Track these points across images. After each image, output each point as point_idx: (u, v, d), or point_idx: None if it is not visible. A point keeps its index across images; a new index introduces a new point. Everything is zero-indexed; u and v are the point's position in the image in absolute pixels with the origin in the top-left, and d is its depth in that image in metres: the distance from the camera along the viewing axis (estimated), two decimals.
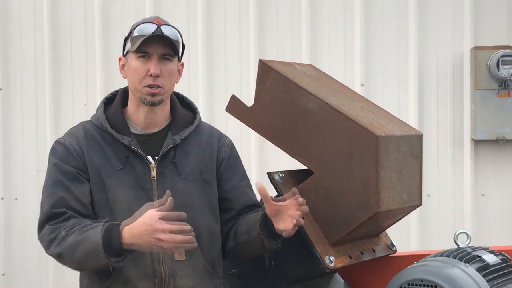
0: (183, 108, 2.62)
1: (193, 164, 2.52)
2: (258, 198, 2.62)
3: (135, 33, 2.45)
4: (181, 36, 2.52)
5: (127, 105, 2.56)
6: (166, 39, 2.43)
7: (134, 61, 2.46)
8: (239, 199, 2.62)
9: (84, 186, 2.44)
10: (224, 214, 2.61)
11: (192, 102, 2.68)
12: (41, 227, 2.43)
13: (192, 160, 2.53)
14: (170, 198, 2.23)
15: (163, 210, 2.21)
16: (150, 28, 2.44)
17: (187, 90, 4.44)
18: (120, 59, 2.55)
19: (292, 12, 4.75)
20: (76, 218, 2.38)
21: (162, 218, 2.20)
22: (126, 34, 2.52)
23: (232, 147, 2.66)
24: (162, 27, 2.44)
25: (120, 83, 2.60)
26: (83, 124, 2.56)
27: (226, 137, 2.68)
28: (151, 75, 2.43)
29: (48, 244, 2.39)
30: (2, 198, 4.94)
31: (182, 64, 2.58)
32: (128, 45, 2.49)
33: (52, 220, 2.40)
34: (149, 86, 2.44)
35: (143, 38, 2.41)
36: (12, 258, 4.97)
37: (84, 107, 4.84)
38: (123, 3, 4.82)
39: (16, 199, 4.93)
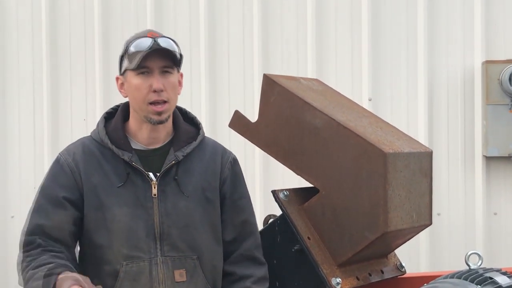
0: (186, 123, 2.57)
1: (195, 181, 2.47)
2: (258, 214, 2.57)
3: (131, 50, 2.39)
4: (177, 46, 2.46)
5: (128, 119, 2.51)
6: (166, 52, 2.38)
7: (134, 79, 2.40)
8: (234, 218, 2.55)
9: (66, 213, 2.39)
10: (222, 234, 2.55)
11: (195, 117, 2.63)
12: (20, 249, 2.41)
13: (194, 178, 2.47)
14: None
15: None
16: (146, 43, 2.38)
17: (189, 105, 4.40)
18: (117, 78, 2.48)
19: (297, 25, 4.72)
20: (43, 247, 2.35)
21: None
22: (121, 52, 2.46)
23: (235, 163, 2.60)
24: (158, 40, 2.38)
25: (120, 98, 2.54)
26: (82, 140, 2.51)
27: (230, 153, 2.61)
28: (154, 91, 2.37)
29: (18, 271, 2.40)
30: None
31: (182, 75, 2.52)
32: (126, 63, 2.42)
33: (24, 247, 2.38)
34: (154, 103, 2.38)
35: (142, 53, 2.35)
36: (8, 276, 4.93)
37: (83, 123, 4.80)
38: (122, 17, 4.81)
39: (12, 217, 4.89)
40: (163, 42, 2.38)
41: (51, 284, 2.18)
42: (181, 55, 2.48)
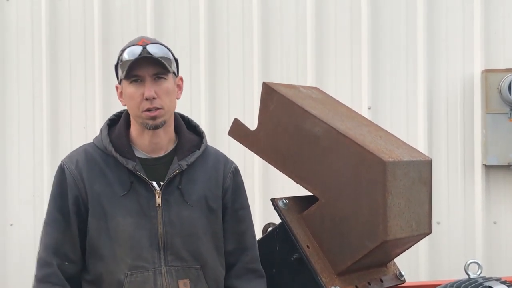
0: (189, 131, 2.56)
1: (199, 190, 2.46)
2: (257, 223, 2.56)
3: (123, 59, 2.40)
4: (170, 51, 2.46)
5: (130, 126, 2.50)
6: (154, 59, 2.37)
7: (128, 88, 2.40)
8: (235, 227, 2.54)
9: (77, 226, 2.40)
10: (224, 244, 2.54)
11: (198, 126, 2.62)
12: (37, 265, 2.41)
13: (198, 187, 2.46)
14: None
15: None
16: (136, 51, 2.38)
17: (189, 113, 4.35)
18: (117, 87, 2.49)
19: (297, 34, 4.71)
20: (53, 285, 2.36)
21: None
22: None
23: (237, 173, 2.59)
24: (148, 47, 2.38)
25: (120, 105, 2.53)
26: (84, 147, 2.49)
27: (232, 162, 2.60)
28: (147, 99, 2.36)
29: None
30: None
31: (181, 78, 2.51)
32: (120, 72, 2.43)
33: (42, 269, 2.39)
34: (148, 110, 2.37)
35: (130, 62, 2.35)
36: (7, 284, 4.91)
37: (82, 130, 4.80)
38: (122, 24, 4.81)
39: (11, 225, 4.87)
40: (152, 49, 2.38)
41: None
42: (176, 60, 2.48)
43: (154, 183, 2.41)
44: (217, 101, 4.73)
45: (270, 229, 2.82)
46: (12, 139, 4.91)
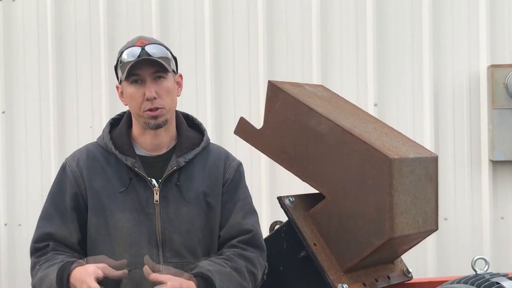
0: (190, 129, 2.57)
1: (197, 187, 2.46)
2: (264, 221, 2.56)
3: (123, 60, 2.43)
4: (168, 49, 2.47)
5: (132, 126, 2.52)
6: (154, 60, 2.39)
7: (128, 88, 2.43)
8: (229, 219, 2.48)
9: (74, 222, 2.43)
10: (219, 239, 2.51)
11: (201, 124, 2.62)
12: (31, 257, 2.45)
13: (196, 183, 2.46)
14: (124, 271, 2.25)
15: (106, 272, 2.23)
16: (135, 52, 2.40)
17: (195, 112, 4.38)
18: (117, 87, 2.52)
19: (302, 31, 4.71)
20: (55, 250, 2.40)
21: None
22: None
23: (237, 169, 2.55)
24: (147, 47, 2.40)
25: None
26: (87, 146, 2.53)
27: (233, 159, 2.58)
28: (148, 99, 2.38)
29: (31, 276, 2.41)
30: (6, 224, 4.92)
31: (181, 76, 2.53)
32: (119, 73, 2.46)
33: (36, 253, 2.42)
34: (149, 110, 2.39)
35: (130, 64, 2.38)
36: (16, 284, 4.93)
37: (89, 130, 4.81)
38: (128, 26, 4.82)
39: (19, 225, 4.89)
40: (151, 49, 2.40)
41: (65, 278, 2.25)
42: (175, 58, 2.49)
43: (153, 180, 2.42)
44: (223, 100, 4.73)
45: (277, 227, 2.82)
46: (19, 140, 4.92)
